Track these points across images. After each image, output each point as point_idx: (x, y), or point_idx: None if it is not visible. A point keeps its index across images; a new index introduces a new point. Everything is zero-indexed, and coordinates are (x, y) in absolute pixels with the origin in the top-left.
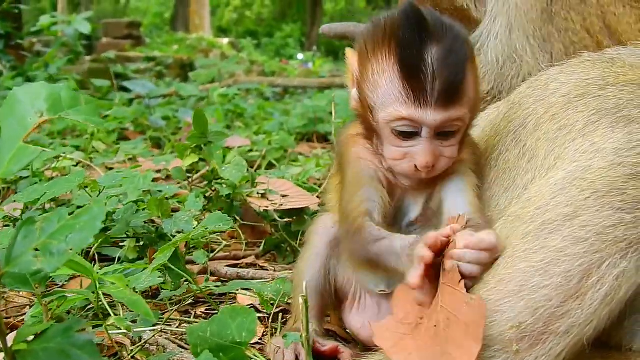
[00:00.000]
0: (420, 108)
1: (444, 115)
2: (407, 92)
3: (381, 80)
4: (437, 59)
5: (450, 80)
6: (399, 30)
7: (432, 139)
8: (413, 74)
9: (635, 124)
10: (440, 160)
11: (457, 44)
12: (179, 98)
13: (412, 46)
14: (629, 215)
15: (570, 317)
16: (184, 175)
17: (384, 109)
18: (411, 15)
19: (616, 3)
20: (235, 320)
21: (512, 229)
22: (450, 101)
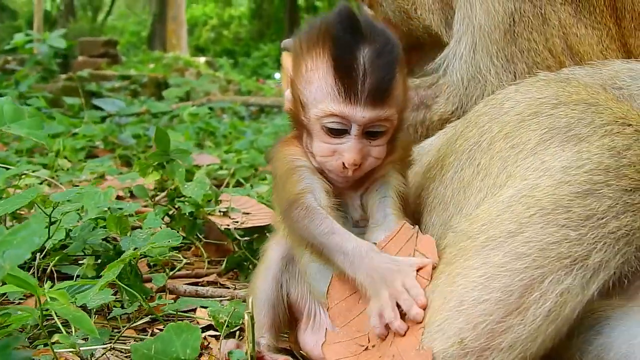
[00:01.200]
0: (351, 105)
1: (372, 113)
2: (339, 88)
3: (314, 76)
4: (369, 58)
5: (380, 79)
6: (333, 30)
7: (360, 137)
8: (345, 72)
9: (585, 143)
10: (367, 159)
11: (388, 46)
12: (152, 116)
13: (345, 45)
14: (574, 232)
15: (512, 333)
16: (147, 193)
17: (315, 105)
18: (345, 16)
19: (578, 24)
20: (179, 338)
21: (457, 245)
22: (380, 100)
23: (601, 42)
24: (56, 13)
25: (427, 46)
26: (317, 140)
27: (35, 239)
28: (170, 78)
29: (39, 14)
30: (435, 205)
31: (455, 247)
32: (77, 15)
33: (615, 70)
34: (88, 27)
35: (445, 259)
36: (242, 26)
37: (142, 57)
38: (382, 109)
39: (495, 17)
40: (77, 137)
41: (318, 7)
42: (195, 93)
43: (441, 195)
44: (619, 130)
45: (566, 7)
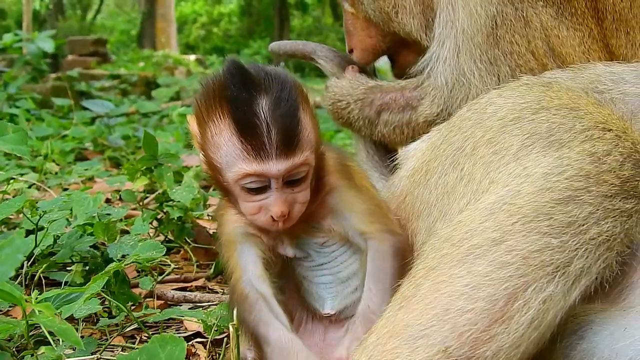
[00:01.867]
0: (263, 162)
1: (287, 164)
2: (247, 148)
3: (220, 141)
4: (268, 110)
5: (285, 129)
6: (226, 90)
7: (282, 188)
8: (249, 130)
9: (566, 149)
10: (294, 206)
11: (285, 92)
12: (142, 116)
13: (242, 103)
14: (555, 240)
15: (496, 342)
16: (135, 198)
17: (229, 169)
18: (235, 72)
19: (560, 26)
20: (164, 350)
21: (440, 251)
22: (291, 149)
23: (583, 43)
24: (45, 12)
25: (410, 46)
26: (242, 201)
27: (19, 257)
28: (160, 77)
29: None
30: (420, 211)
31: (439, 253)
32: (67, 14)
33: (597, 74)
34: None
35: (428, 264)
36: (231, 23)
37: (132, 56)
38: (296, 156)
39: (477, 20)
40: (67, 139)
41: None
42: (185, 92)
43: (426, 200)
44: (600, 136)
45: (547, 9)
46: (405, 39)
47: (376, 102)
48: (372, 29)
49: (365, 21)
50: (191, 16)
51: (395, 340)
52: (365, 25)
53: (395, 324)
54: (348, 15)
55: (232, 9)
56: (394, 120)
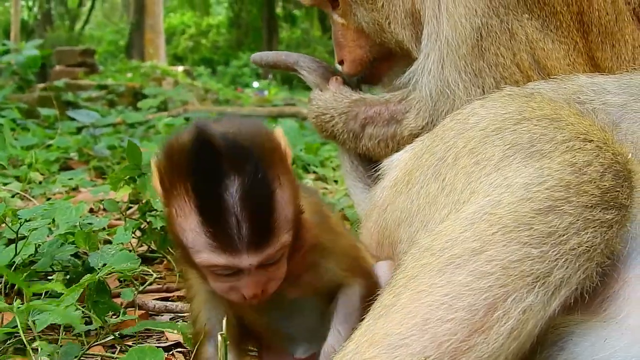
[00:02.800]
0: (233, 256)
1: (261, 257)
2: (214, 241)
3: (186, 225)
4: (239, 200)
5: (258, 222)
6: (191, 173)
7: (255, 272)
8: (216, 223)
9: (546, 159)
10: (269, 284)
11: (259, 173)
12: (129, 126)
13: (209, 189)
14: (535, 250)
15: (475, 352)
16: (117, 208)
17: (196, 254)
18: (203, 150)
19: (545, 39)
20: None
21: (420, 261)
22: (265, 242)
23: (568, 56)
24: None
25: (399, 57)
26: (211, 280)
27: None
28: (147, 88)
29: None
30: (402, 220)
31: (419, 262)
32: (55, 25)
33: (579, 85)
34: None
35: (408, 274)
36: (220, 35)
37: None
38: (270, 247)
39: (462, 32)
40: (52, 148)
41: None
42: (172, 103)
43: (407, 209)
44: (581, 147)
45: (533, 22)
46: (391, 50)
47: (360, 115)
48: (363, 40)
49: (356, 32)
50: (180, 27)
51: (375, 349)
52: (356, 37)
53: (374, 332)
54: (338, 26)
55: (220, 20)
56: (378, 134)
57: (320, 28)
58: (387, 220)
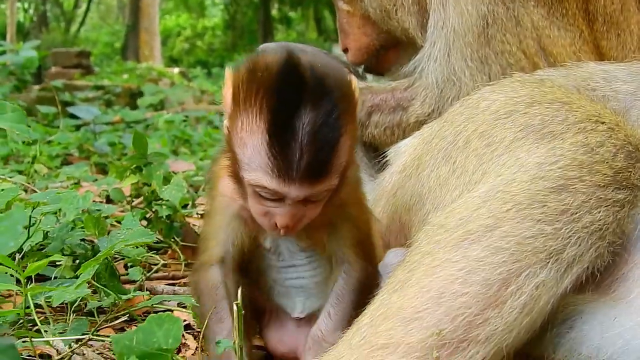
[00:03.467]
0: (285, 183)
1: (308, 191)
2: (273, 164)
3: (249, 141)
4: (309, 132)
5: (319, 158)
6: (272, 94)
7: (295, 204)
8: (281, 147)
9: (559, 140)
10: (301, 220)
11: (333, 114)
12: (127, 125)
13: (283, 115)
14: (549, 227)
15: (489, 325)
16: (123, 196)
17: (248, 172)
18: (288, 75)
19: (551, 26)
20: (161, 328)
21: (434, 237)
22: (318, 178)
23: (574, 43)
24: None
25: (405, 46)
26: (250, 198)
27: (18, 228)
28: (144, 87)
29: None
30: (412, 204)
31: (433, 239)
32: (50, 27)
33: (589, 72)
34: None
35: (422, 250)
36: (215, 37)
37: (116, 68)
38: (321, 185)
39: (468, 19)
40: (52, 144)
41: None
42: (169, 103)
43: (418, 193)
44: (592, 128)
45: (539, 9)
46: (397, 38)
47: (366, 103)
48: (368, 27)
49: (362, 19)
50: (175, 29)
51: (389, 322)
52: (362, 24)
53: (388, 306)
54: (343, 13)
55: (216, 22)
56: (384, 122)
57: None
58: (396, 205)
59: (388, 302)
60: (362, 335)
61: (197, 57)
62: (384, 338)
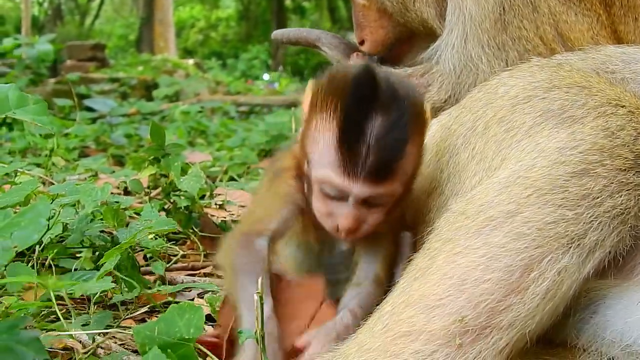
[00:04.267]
0: (350, 180)
1: (372, 191)
2: (341, 161)
3: (320, 139)
4: (377, 134)
5: (385, 159)
6: (347, 97)
7: (358, 205)
8: (350, 145)
9: (579, 124)
10: (363, 225)
11: (402, 120)
12: (142, 117)
13: (355, 116)
14: (570, 212)
15: (511, 311)
16: (141, 187)
17: (316, 169)
18: (363, 82)
19: (568, 11)
20: (182, 318)
21: (455, 224)
22: (381, 179)
23: (591, 28)
24: (44, 18)
25: (419, 38)
26: (315, 197)
27: (42, 221)
28: (160, 79)
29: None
30: (431, 190)
31: (454, 225)
32: (65, 20)
33: (607, 55)
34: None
35: (443, 237)
36: (229, 28)
37: (130, 60)
38: (383, 187)
39: (485, 6)
40: (69, 137)
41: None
42: (184, 94)
43: (437, 179)
44: (613, 112)
45: None
46: (413, 30)
47: None
48: (385, 20)
49: (378, 12)
50: (189, 21)
51: (411, 309)
52: (378, 16)
53: (410, 294)
54: (359, 7)
55: (230, 13)
56: None
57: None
58: (416, 191)
59: (409, 289)
60: (385, 323)
61: (211, 48)
62: (407, 325)
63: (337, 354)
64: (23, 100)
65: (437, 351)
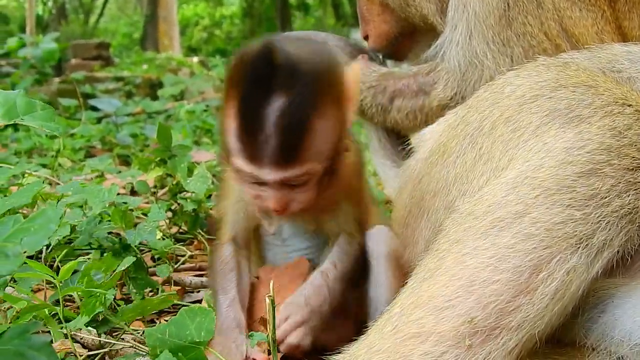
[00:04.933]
0: (257, 166)
1: (282, 175)
2: (245, 149)
3: (229, 127)
4: (275, 116)
5: (286, 141)
6: (244, 80)
7: (279, 187)
8: (249, 131)
9: (586, 124)
10: (292, 204)
11: (301, 97)
12: (148, 116)
13: (253, 100)
14: (578, 212)
15: (521, 312)
16: (148, 188)
17: (233, 158)
18: (260, 62)
19: (572, 7)
20: (193, 321)
21: (463, 225)
22: (288, 161)
23: (596, 24)
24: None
25: (422, 33)
26: (243, 185)
27: (51, 226)
28: (164, 78)
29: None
30: (438, 190)
31: (462, 226)
32: (69, 19)
33: (613, 54)
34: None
35: (451, 238)
36: (233, 25)
37: (135, 59)
38: (294, 169)
39: (489, 2)
40: (75, 137)
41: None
42: (189, 93)
43: (444, 179)
44: (620, 111)
45: None
46: (415, 25)
47: (389, 88)
48: (387, 15)
49: (381, 7)
50: (193, 19)
51: (420, 310)
52: (381, 11)
53: (419, 295)
54: (363, 1)
55: (233, 11)
56: (407, 106)
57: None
58: (422, 191)
59: (418, 290)
60: (394, 325)
61: (215, 45)
62: (416, 327)
63: (346, 355)
64: (31, 106)
65: (446, 352)
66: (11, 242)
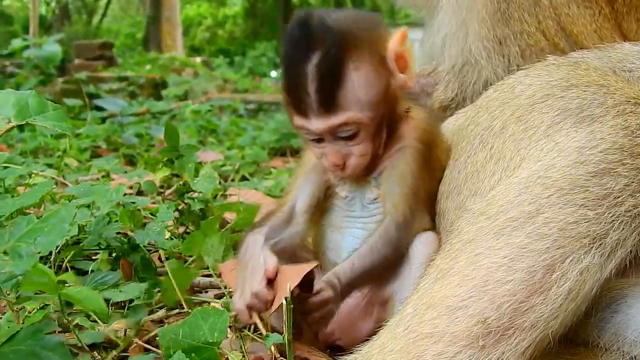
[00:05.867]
0: (303, 118)
1: (326, 123)
2: (293, 103)
3: (283, 90)
4: (311, 70)
5: (323, 90)
6: (287, 40)
7: (333, 142)
8: (291, 87)
9: (597, 123)
10: (350, 158)
11: (332, 52)
12: (152, 116)
13: (293, 59)
14: (591, 212)
15: (534, 312)
16: (156, 188)
17: (290, 115)
18: (297, 27)
19: (569, 4)
20: (207, 322)
21: (475, 225)
22: (328, 109)
23: (594, 21)
24: (51, 17)
25: None
26: (310, 144)
27: (65, 226)
28: (169, 78)
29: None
30: (449, 191)
31: (475, 226)
32: (72, 19)
33: (624, 53)
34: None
35: (464, 238)
36: (236, 25)
37: (138, 59)
38: (336, 117)
39: (485, 0)
40: (81, 137)
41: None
42: (193, 93)
43: (455, 179)
44: (632, 110)
45: None
46: None
47: None
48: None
49: None
50: (196, 19)
51: (433, 311)
52: None
53: (432, 295)
54: None
55: (236, 11)
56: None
57: None
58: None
59: (431, 290)
60: (406, 325)
61: (218, 45)
62: (429, 327)
63: (358, 355)
64: (43, 106)
65: (460, 352)
66: (24, 242)
